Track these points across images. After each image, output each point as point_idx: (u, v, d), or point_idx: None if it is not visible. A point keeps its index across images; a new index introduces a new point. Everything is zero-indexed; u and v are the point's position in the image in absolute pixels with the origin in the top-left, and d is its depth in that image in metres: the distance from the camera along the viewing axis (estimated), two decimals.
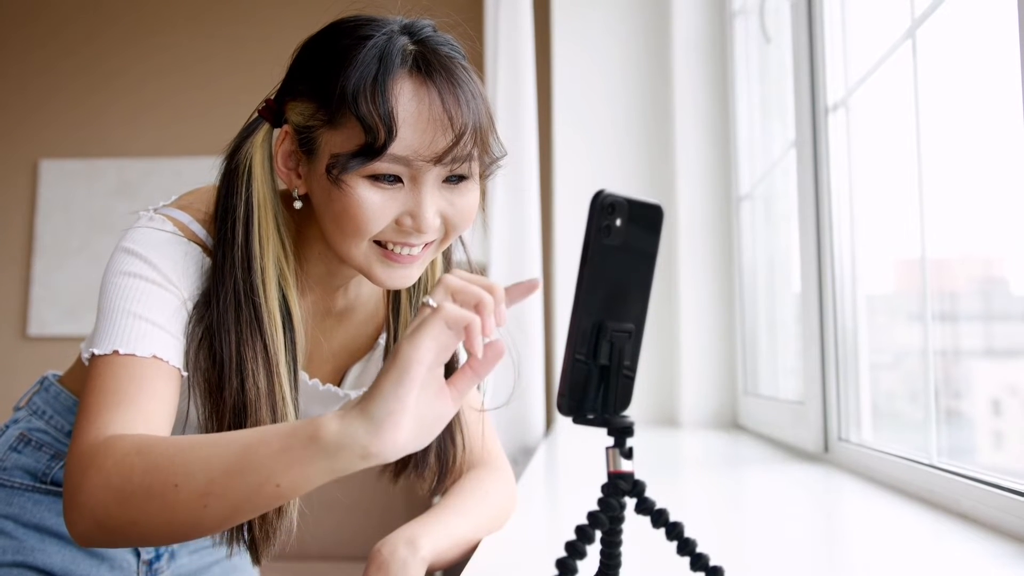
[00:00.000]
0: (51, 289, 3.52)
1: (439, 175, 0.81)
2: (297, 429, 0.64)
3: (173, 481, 0.65)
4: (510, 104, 2.32)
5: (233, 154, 0.87)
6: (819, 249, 1.57)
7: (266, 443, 0.64)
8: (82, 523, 0.69)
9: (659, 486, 0.73)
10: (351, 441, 0.62)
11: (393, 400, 0.61)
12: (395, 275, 0.84)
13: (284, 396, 0.84)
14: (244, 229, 0.83)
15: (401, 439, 0.62)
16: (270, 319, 0.83)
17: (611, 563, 0.62)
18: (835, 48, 1.58)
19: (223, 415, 0.81)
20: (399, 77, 0.79)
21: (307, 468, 0.63)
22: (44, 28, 3.70)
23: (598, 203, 0.56)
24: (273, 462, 0.64)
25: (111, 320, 0.78)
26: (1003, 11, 1.03)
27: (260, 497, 0.65)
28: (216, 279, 0.83)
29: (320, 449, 0.62)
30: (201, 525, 0.67)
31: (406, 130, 0.78)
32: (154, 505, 0.66)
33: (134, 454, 0.68)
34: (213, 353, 0.81)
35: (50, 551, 0.96)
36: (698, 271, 2.38)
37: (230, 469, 0.65)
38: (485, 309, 0.64)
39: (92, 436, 0.72)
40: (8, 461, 0.98)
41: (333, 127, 0.79)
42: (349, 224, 0.80)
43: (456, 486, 0.92)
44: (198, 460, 0.66)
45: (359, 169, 0.78)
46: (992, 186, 1.32)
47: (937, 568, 0.82)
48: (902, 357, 1.68)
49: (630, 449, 0.59)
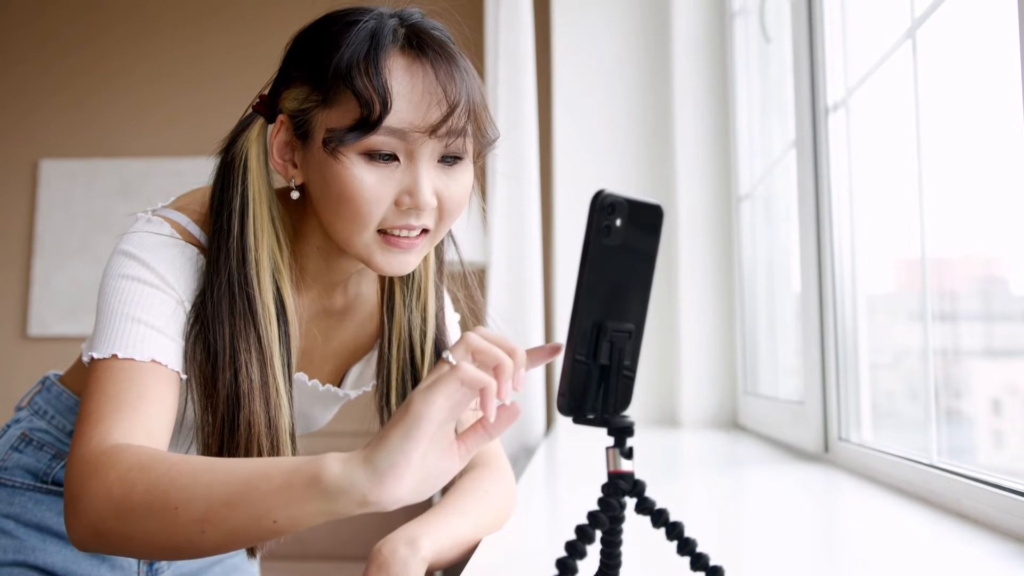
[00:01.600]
0: (51, 289, 3.52)
1: (434, 152, 0.82)
2: (300, 467, 0.64)
3: (173, 504, 0.66)
4: (510, 104, 2.32)
5: (228, 148, 0.88)
6: (819, 249, 1.57)
7: (268, 478, 0.65)
8: (81, 530, 0.69)
9: (659, 486, 0.73)
10: (351, 488, 0.62)
11: (399, 453, 0.61)
12: (395, 261, 0.84)
13: (278, 388, 0.84)
14: (239, 221, 0.84)
15: (401, 492, 0.62)
16: (264, 311, 0.84)
17: (611, 563, 0.62)
18: (835, 48, 1.58)
19: (217, 406, 0.81)
20: (391, 54, 0.80)
21: (304, 507, 0.63)
22: (45, 29, 3.70)
23: (598, 203, 0.56)
24: (272, 498, 0.64)
25: (109, 324, 0.78)
26: (1003, 11, 1.03)
27: (257, 529, 0.65)
28: (211, 271, 0.83)
29: (320, 491, 0.62)
30: (197, 548, 0.67)
31: (401, 102, 0.79)
32: (153, 524, 0.67)
33: (137, 469, 0.68)
34: (207, 345, 0.82)
35: (51, 551, 0.96)
36: (698, 271, 2.38)
37: (230, 500, 0.65)
38: (503, 373, 0.63)
39: (94, 444, 0.72)
40: (9, 461, 0.98)
41: (328, 106, 0.80)
42: (349, 209, 0.80)
43: (456, 486, 0.92)
44: (200, 486, 0.66)
45: (355, 143, 0.79)
46: (992, 186, 1.32)
47: (937, 567, 0.82)
48: (902, 357, 1.68)
49: (630, 449, 0.59)
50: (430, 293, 0.96)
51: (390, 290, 0.96)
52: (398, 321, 0.95)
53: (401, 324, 0.95)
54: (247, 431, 0.81)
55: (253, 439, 0.82)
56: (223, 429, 0.81)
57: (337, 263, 0.91)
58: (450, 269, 1.03)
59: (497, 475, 0.96)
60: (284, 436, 0.84)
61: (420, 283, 0.96)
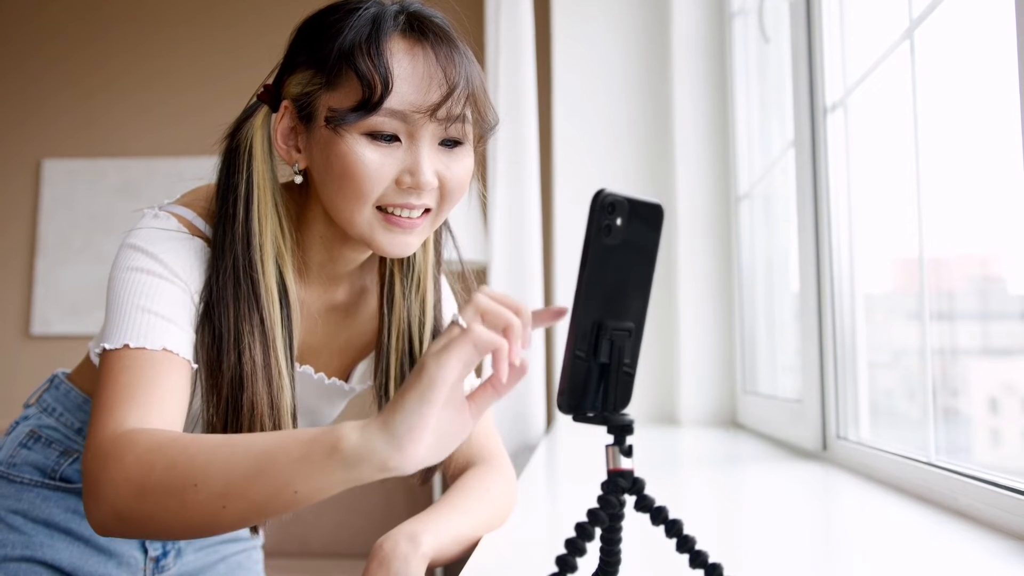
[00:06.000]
0: (54, 288, 3.53)
1: (435, 135, 0.83)
2: (318, 437, 0.65)
3: (192, 481, 0.66)
4: (510, 104, 2.32)
5: (233, 135, 0.89)
6: (817, 248, 1.58)
7: (286, 450, 0.65)
8: (101, 514, 0.70)
9: (658, 484, 0.73)
10: (371, 454, 0.62)
11: (415, 416, 0.62)
12: (396, 241, 0.85)
13: (280, 370, 0.85)
14: (244, 206, 0.85)
15: (420, 454, 0.63)
16: (267, 295, 0.85)
17: (611, 560, 0.63)
18: (833, 48, 1.58)
19: (221, 388, 0.82)
20: (393, 37, 0.82)
21: (325, 477, 0.64)
22: (47, 28, 3.70)
23: (598, 202, 0.56)
24: (292, 469, 0.64)
25: (120, 315, 0.79)
26: (1001, 11, 1.03)
27: (278, 501, 0.66)
28: (216, 255, 0.85)
29: (340, 460, 0.63)
30: (219, 524, 0.68)
31: (402, 84, 0.81)
32: (173, 503, 0.67)
33: (155, 450, 0.69)
34: (212, 327, 0.83)
35: (58, 547, 0.97)
36: (697, 270, 2.39)
37: (249, 473, 0.66)
38: (513, 333, 0.64)
39: (110, 430, 0.73)
40: (18, 457, 0.99)
41: (331, 88, 0.82)
42: (350, 186, 0.82)
43: (457, 483, 0.93)
44: (218, 462, 0.67)
45: (357, 123, 0.80)
46: (989, 186, 1.33)
47: (934, 565, 0.83)
48: (900, 356, 1.68)
49: (630, 447, 0.60)
50: (429, 284, 0.97)
51: (390, 281, 0.96)
52: (397, 311, 0.96)
53: (400, 314, 0.96)
54: (250, 412, 0.83)
55: (256, 420, 0.83)
56: (227, 410, 0.82)
57: (340, 253, 0.92)
58: (451, 269, 1.04)
59: (498, 473, 0.96)
60: (286, 417, 0.85)
61: (419, 274, 0.97)
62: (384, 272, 0.97)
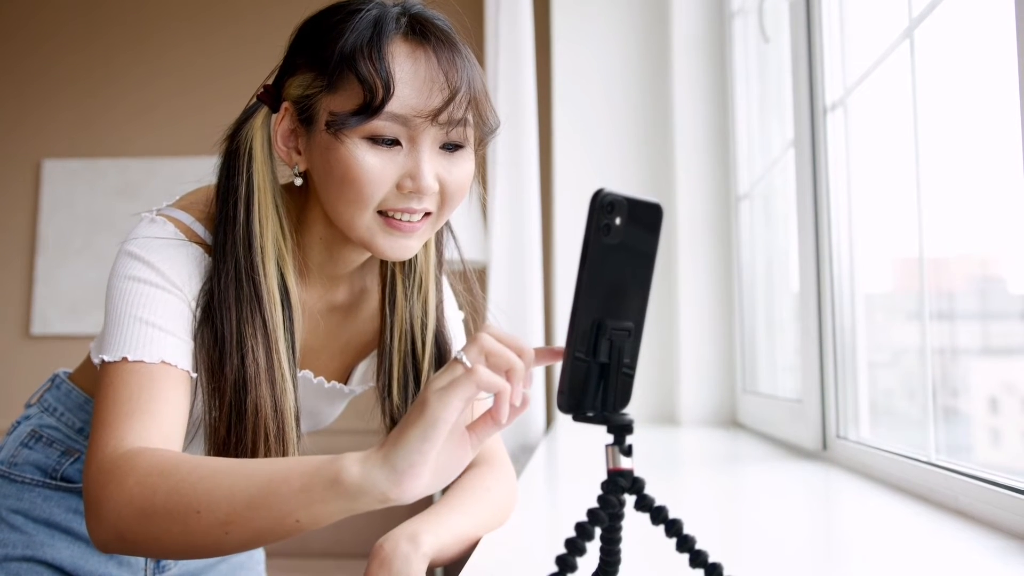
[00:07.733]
0: (54, 288, 3.53)
1: (436, 138, 0.83)
2: (320, 468, 0.66)
3: (195, 507, 0.67)
4: (510, 104, 2.32)
5: (233, 136, 0.89)
6: (817, 248, 1.58)
7: (288, 480, 0.66)
8: (103, 533, 0.71)
9: (658, 483, 0.74)
10: (371, 487, 0.64)
11: (417, 454, 0.63)
12: (397, 245, 0.85)
13: (283, 373, 0.85)
14: (245, 208, 0.85)
15: (420, 487, 0.65)
16: (269, 297, 0.85)
17: (611, 560, 0.63)
18: (833, 48, 1.58)
19: (224, 391, 0.82)
20: (394, 40, 0.82)
21: (326, 507, 0.66)
22: (46, 28, 3.70)
23: (598, 202, 0.56)
24: (294, 499, 0.66)
25: (118, 326, 0.79)
26: (1001, 11, 1.03)
27: (280, 529, 0.67)
28: (218, 258, 0.84)
29: (341, 492, 0.65)
30: (222, 548, 0.69)
31: (403, 88, 0.80)
32: (176, 527, 0.68)
33: (156, 474, 0.70)
34: (215, 331, 0.83)
35: (59, 546, 0.97)
36: (697, 270, 2.39)
37: (252, 502, 0.67)
38: (515, 376, 0.65)
39: (111, 448, 0.73)
40: (19, 457, 0.99)
41: (332, 91, 0.82)
42: (351, 191, 0.81)
43: (457, 483, 0.93)
44: (221, 490, 0.68)
45: (358, 127, 0.80)
46: (989, 185, 1.33)
47: (935, 564, 0.83)
48: (900, 355, 1.68)
49: (630, 447, 0.60)
50: (431, 285, 0.97)
51: (392, 282, 0.96)
52: (400, 312, 0.96)
53: (403, 315, 0.96)
54: (254, 415, 0.83)
55: (260, 423, 0.83)
56: (230, 414, 0.83)
57: (340, 254, 0.92)
58: (451, 268, 1.04)
59: (498, 473, 0.96)
60: (289, 419, 0.85)
61: (421, 274, 0.97)
62: (386, 273, 0.97)
